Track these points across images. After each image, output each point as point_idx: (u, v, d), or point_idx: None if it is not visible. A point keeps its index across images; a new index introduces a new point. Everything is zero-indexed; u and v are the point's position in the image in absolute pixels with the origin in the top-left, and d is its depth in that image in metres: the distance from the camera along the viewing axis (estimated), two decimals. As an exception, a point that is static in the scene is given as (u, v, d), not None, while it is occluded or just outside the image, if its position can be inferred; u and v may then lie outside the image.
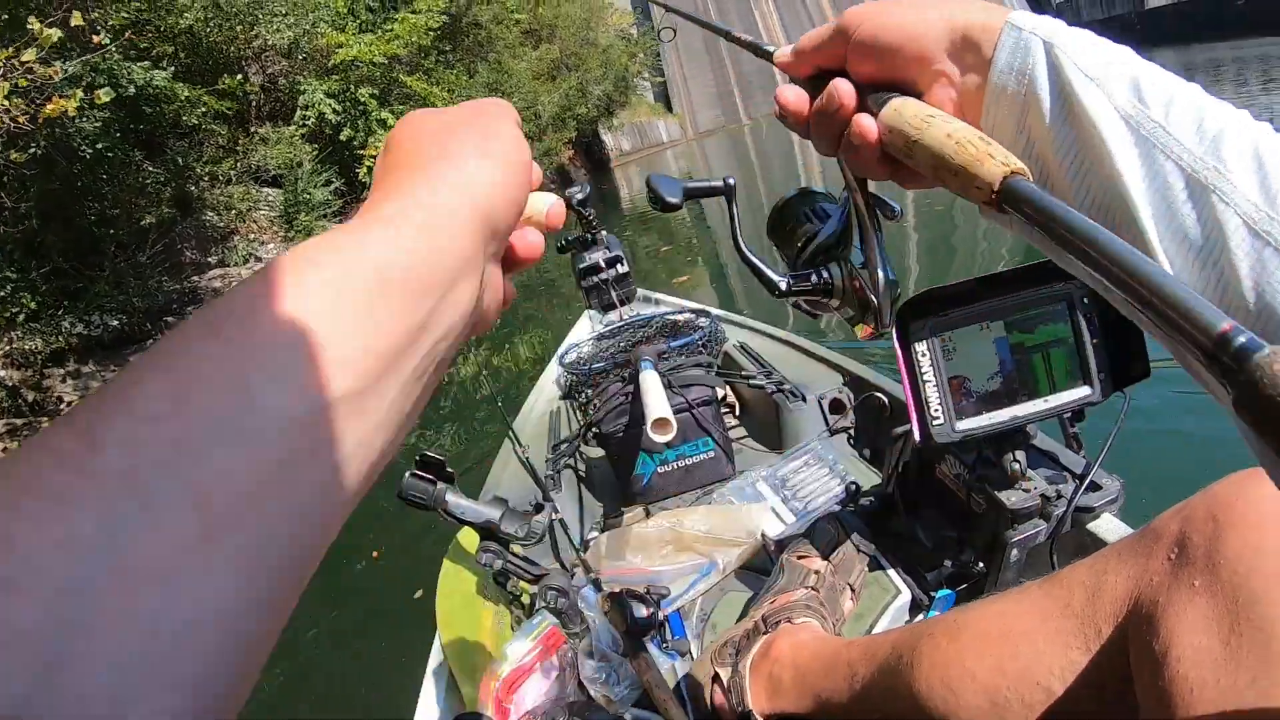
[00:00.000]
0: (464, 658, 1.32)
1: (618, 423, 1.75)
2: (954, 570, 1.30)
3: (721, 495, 1.69)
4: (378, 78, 14.22)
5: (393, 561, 3.41)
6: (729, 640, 1.21)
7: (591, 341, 2.27)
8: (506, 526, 1.38)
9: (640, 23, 42.42)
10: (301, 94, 13.33)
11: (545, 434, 2.19)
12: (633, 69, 32.84)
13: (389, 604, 3.08)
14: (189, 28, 11.27)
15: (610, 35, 33.10)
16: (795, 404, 1.90)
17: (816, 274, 0.60)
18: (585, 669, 1.24)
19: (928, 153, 0.42)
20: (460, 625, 1.39)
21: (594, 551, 1.52)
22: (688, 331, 2.10)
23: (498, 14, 20.50)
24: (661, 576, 1.46)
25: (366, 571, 3.39)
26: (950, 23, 0.44)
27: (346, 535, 2.02)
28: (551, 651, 1.29)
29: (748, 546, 1.50)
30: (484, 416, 4.82)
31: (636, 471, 1.77)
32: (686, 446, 1.78)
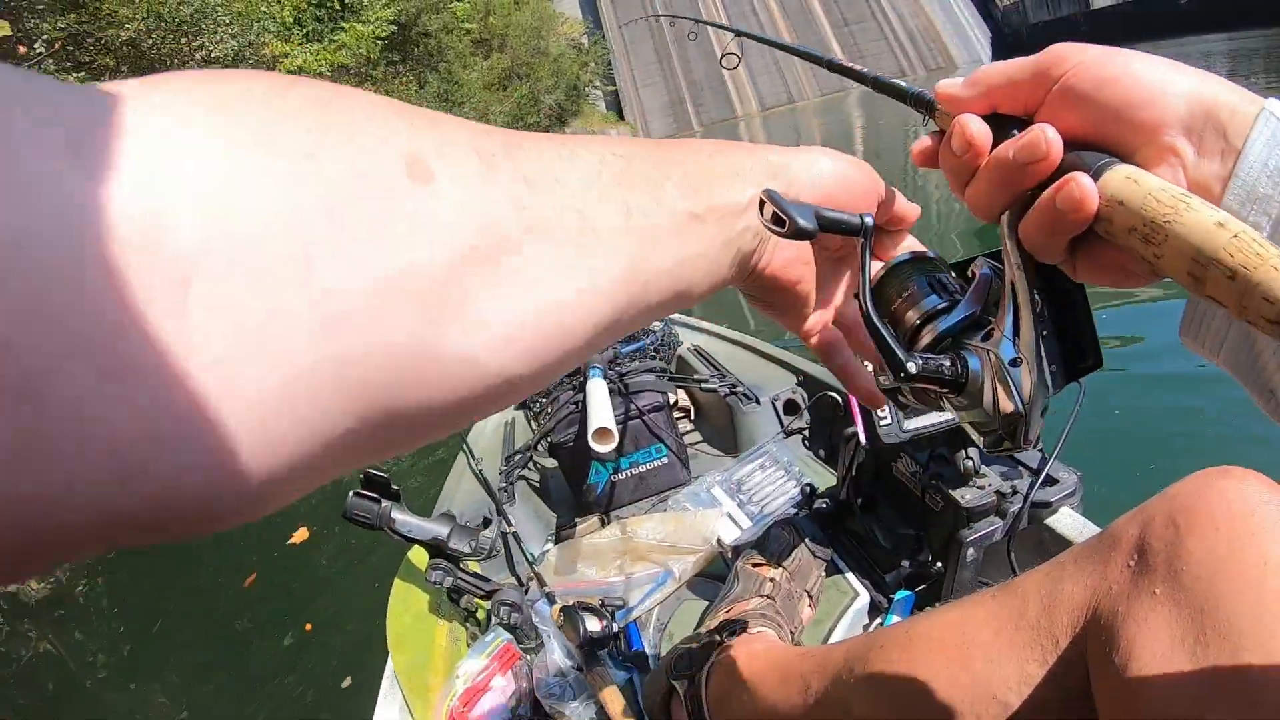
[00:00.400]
0: (417, 678, 1.30)
1: (568, 432, 1.74)
2: (912, 570, 1.29)
3: (677, 502, 1.68)
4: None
5: (341, 585, 3.30)
6: (684, 652, 1.18)
7: None
8: (455, 543, 1.36)
9: (591, 31, 42.58)
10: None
11: (500, 446, 2.15)
12: (584, 78, 32.86)
13: (339, 629, 3.00)
14: (130, 40, 10.93)
15: (561, 44, 33.12)
16: (749, 406, 1.89)
17: (955, 362, 0.48)
18: (541, 685, 1.23)
19: (1183, 244, 0.34)
20: (413, 645, 1.37)
21: (547, 564, 1.51)
22: (639, 337, 2.12)
23: (447, 23, 20.38)
24: (616, 588, 1.45)
25: (316, 596, 3.30)
26: (1196, 94, 0.37)
27: (294, 552, 2.65)
28: (506, 668, 1.27)
29: (703, 554, 1.48)
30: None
31: (590, 481, 1.75)
32: (639, 454, 1.76)
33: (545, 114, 28.13)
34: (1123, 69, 0.38)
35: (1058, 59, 0.40)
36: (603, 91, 50.14)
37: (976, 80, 0.44)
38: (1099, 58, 0.39)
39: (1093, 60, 0.39)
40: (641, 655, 1.34)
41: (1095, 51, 0.40)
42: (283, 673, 2.82)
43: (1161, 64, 0.39)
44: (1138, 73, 0.38)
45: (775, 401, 1.88)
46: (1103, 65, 0.39)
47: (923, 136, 0.47)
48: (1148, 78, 0.38)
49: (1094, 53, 0.39)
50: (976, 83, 0.44)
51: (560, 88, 28.81)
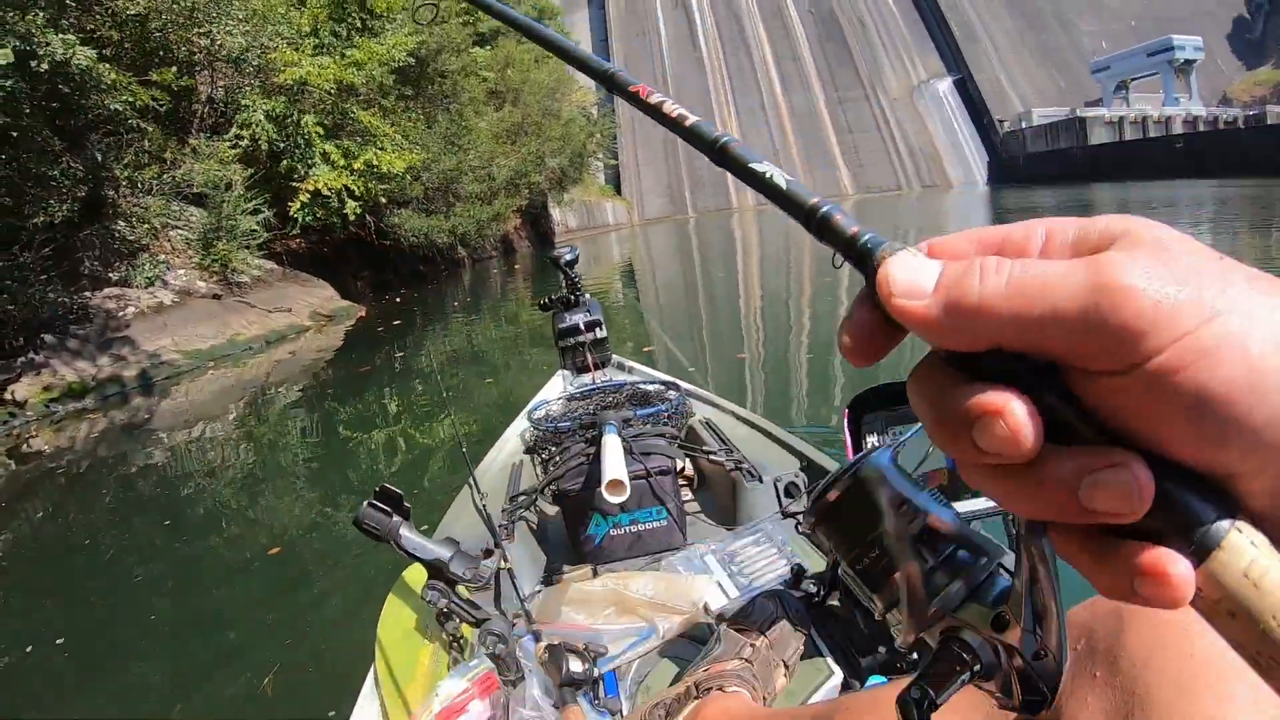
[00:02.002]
0: (397, 689, 1.35)
1: (576, 481, 1.83)
2: (887, 657, 1.34)
3: (669, 564, 1.75)
4: (329, 107, 13.57)
5: (338, 585, 3.44)
6: (660, 702, 1.25)
7: (562, 401, 2.37)
8: (455, 567, 1.41)
9: (601, 104, 43.24)
10: (241, 110, 12.60)
11: (505, 485, 2.23)
12: (589, 148, 33.07)
13: (331, 626, 3.07)
14: (141, 14, 10.72)
15: (573, 110, 33.41)
16: (752, 483, 1.98)
17: (962, 648, 0.42)
18: (516, 716, 1.27)
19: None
20: (397, 658, 1.43)
21: (538, 603, 1.57)
22: (656, 402, 2.21)
23: (466, 66, 20.26)
24: (601, 636, 1.50)
25: (317, 592, 3.42)
26: None
27: (294, 552, 3.12)
28: (485, 694, 1.30)
29: (689, 616, 1.54)
30: (446, 461, 4.93)
31: (589, 531, 1.84)
32: (640, 513, 1.84)
33: (547, 176, 28.07)
34: (1250, 367, 0.25)
35: (1135, 316, 0.25)
36: (604, 164, 50.68)
37: (961, 302, 0.28)
38: (1217, 343, 0.25)
39: (1206, 345, 0.25)
40: (616, 702, 1.39)
41: (1206, 325, 0.25)
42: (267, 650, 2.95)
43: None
44: (1256, 361, 0.25)
45: (777, 482, 1.93)
46: (1221, 359, 0.25)
47: (854, 312, 0.32)
48: (1268, 377, 0.25)
49: (1201, 324, 0.25)
50: (961, 306, 0.28)
51: (566, 152, 28.90)
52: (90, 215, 10.38)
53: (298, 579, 3.57)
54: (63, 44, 8.49)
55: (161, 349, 9.50)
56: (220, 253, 11.64)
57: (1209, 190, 23.92)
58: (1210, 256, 0.27)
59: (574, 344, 2.96)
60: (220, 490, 5.13)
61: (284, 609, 3.27)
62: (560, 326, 2.98)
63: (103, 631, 3.31)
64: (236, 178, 12.19)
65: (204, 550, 4.12)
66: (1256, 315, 0.25)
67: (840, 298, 9.70)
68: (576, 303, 3.01)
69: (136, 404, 8.28)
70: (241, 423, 6.99)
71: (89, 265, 10.32)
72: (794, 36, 70.86)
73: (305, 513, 4.52)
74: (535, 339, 9.15)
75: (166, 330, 9.90)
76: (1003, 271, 0.28)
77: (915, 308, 0.29)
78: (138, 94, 10.17)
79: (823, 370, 6.47)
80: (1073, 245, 0.29)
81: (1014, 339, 0.27)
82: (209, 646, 3.06)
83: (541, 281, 19.68)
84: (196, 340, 10.07)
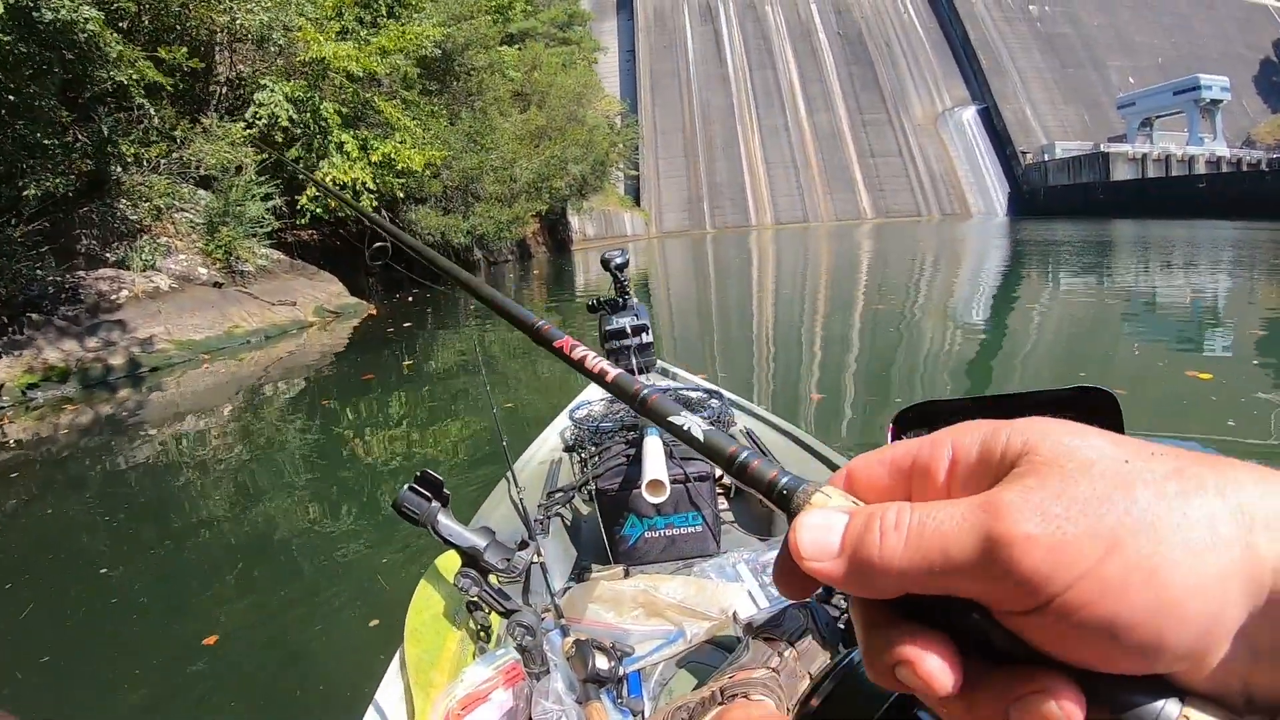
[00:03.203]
0: (423, 673, 1.35)
1: (614, 481, 1.84)
2: None
3: (701, 570, 1.75)
4: (349, 96, 12.86)
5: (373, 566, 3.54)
6: (684, 705, 1.26)
7: (604, 403, 2.47)
8: (490, 556, 1.39)
9: (626, 114, 42.81)
10: (259, 90, 11.86)
11: (542, 481, 2.25)
12: (612, 156, 32.50)
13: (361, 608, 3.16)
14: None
15: (597, 117, 32.87)
16: None
17: None
18: (538, 708, 1.27)
19: None
20: (426, 642, 1.42)
21: (568, 599, 1.57)
22: (698, 409, 2.24)
23: (494, 63, 19.51)
24: (628, 635, 1.51)
25: (346, 570, 3.52)
26: (1252, 565, 0.25)
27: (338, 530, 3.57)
28: (509, 685, 1.30)
29: (717, 622, 1.54)
30: (486, 454, 4.99)
31: (624, 532, 1.84)
32: (676, 517, 1.85)
33: (569, 182, 27.43)
34: (1158, 594, 0.25)
35: (1032, 566, 0.26)
36: (624, 174, 50.23)
37: (890, 554, 0.29)
38: (1121, 574, 0.25)
39: (1109, 579, 0.25)
40: (639, 703, 1.40)
41: (1106, 558, 0.25)
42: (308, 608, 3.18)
43: (1191, 521, 0.26)
44: (1169, 580, 0.25)
45: None
46: (1126, 588, 0.25)
47: (781, 552, 0.33)
48: (1185, 580, 0.25)
49: (1101, 558, 0.25)
50: (889, 559, 0.29)
51: (588, 160, 28.29)
52: (92, 192, 9.69)
53: (326, 566, 3.62)
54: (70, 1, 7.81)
55: (154, 336, 8.88)
56: (225, 239, 10.98)
57: (1230, 232, 23.73)
58: (1114, 465, 0.27)
59: (620, 347, 2.94)
60: (236, 484, 5.05)
61: (313, 591, 3.36)
62: (607, 329, 2.99)
63: (100, 628, 3.22)
64: (249, 161, 11.46)
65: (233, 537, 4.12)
66: (1164, 529, 0.25)
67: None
68: (624, 306, 3.01)
69: (123, 395, 7.85)
70: (239, 419, 6.77)
71: (86, 244, 9.70)
72: (821, 57, 70.88)
73: (340, 498, 4.59)
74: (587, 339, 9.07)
75: (160, 317, 9.35)
76: (901, 526, 0.29)
77: (825, 570, 0.30)
78: (144, 70, 9.48)
79: (864, 388, 6.60)
80: (976, 467, 0.30)
81: (926, 589, 0.28)
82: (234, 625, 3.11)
83: (558, 288, 19.81)
84: (190, 330, 9.56)
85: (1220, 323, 8.61)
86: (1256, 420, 4.68)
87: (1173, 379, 5.88)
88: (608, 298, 3.05)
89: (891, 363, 7.48)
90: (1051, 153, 57.42)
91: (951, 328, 9.10)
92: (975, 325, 9.46)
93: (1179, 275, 13.51)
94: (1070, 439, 0.28)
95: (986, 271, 16.97)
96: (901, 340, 8.55)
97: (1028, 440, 0.28)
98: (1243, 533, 0.25)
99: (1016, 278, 15.14)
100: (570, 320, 11.82)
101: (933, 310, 10.93)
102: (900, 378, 6.83)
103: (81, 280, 9.01)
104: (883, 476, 0.32)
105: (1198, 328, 8.35)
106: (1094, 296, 11.21)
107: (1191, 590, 0.25)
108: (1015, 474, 0.28)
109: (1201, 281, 12.28)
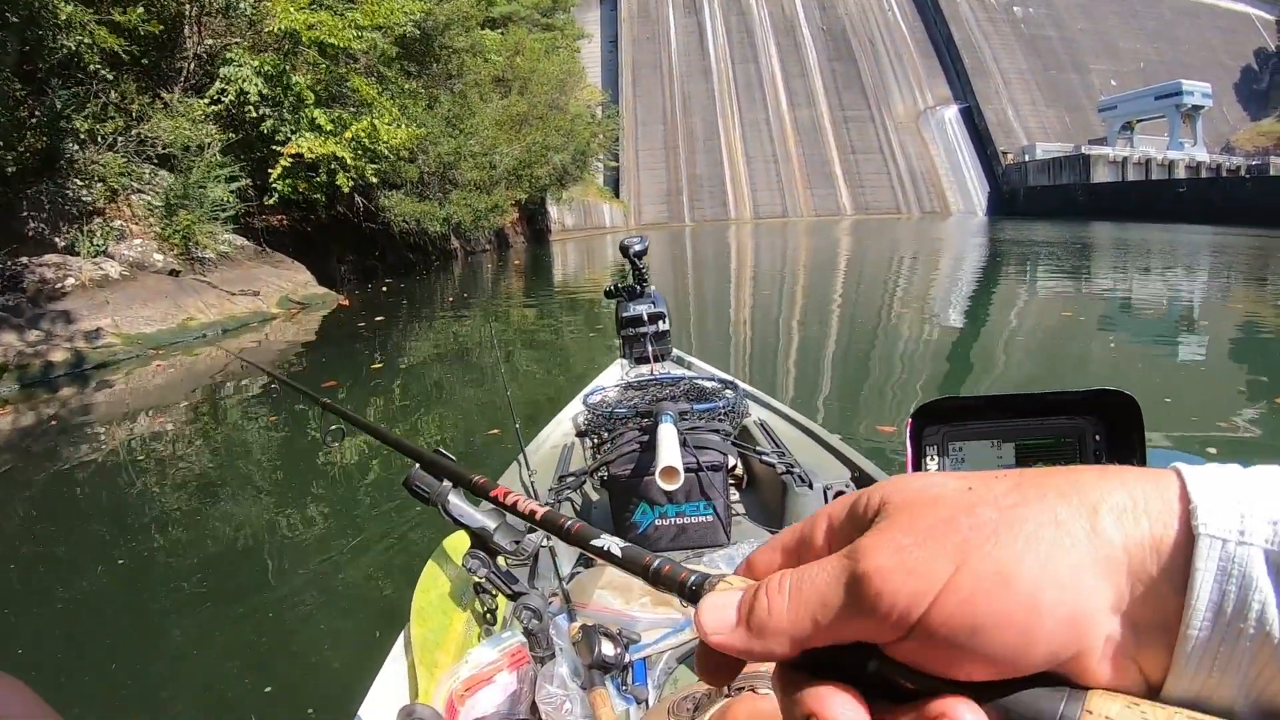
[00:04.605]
0: (428, 652, 1.36)
1: (626, 467, 1.85)
2: None
3: (712, 560, 1.75)
4: (323, 73, 12.11)
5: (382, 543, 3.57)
6: (690, 695, 1.26)
7: (618, 389, 2.39)
8: (500, 538, 1.36)
9: (607, 104, 42.24)
10: (226, 64, 11.09)
11: (554, 466, 2.24)
12: (593, 146, 31.89)
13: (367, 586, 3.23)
14: None
15: (579, 105, 32.22)
16: (801, 488, 1.99)
17: None
18: (542, 692, 1.28)
19: None
20: (431, 622, 1.43)
21: (576, 584, 1.57)
22: (713, 398, 2.22)
23: (475, 44, 18.73)
24: (635, 623, 1.50)
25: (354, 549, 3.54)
26: (1101, 547, 0.28)
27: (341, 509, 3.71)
28: (514, 668, 1.31)
29: None
30: (498, 436, 5.04)
31: (634, 519, 1.85)
32: (688, 506, 1.86)
33: (549, 170, 26.81)
34: (1011, 595, 0.27)
35: (891, 592, 0.28)
36: (604, 165, 49.69)
37: (778, 615, 0.31)
38: (972, 584, 0.28)
39: (962, 591, 0.28)
40: (644, 690, 1.40)
41: (957, 574, 0.28)
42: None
43: (1036, 536, 0.28)
44: (1017, 591, 0.27)
45: (827, 490, 1.96)
46: (980, 596, 0.27)
47: (699, 644, 0.35)
48: (1034, 579, 0.27)
49: (952, 574, 0.28)
50: (778, 620, 0.31)
51: (569, 149, 27.65)
52: (42, 170, 8.98)
53: (333, 545, 3.66)
54: None
55: (101, 329, 8.22)
56: (183, 223, 10.25)
57: (1209, 237, 24.20)
58: (958, 495, 0.30)
59: (636, 334, 2.92)
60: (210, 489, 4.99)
61: (319, 570, 3.37)
62: (623, 315, 2.96)
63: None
64: (213, 139, 10.73)
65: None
66: (1007, 536, 0.28)
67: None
68: (642, 293, 2.98)
69: (67, 394, 7.25)
70: (196, 416, 6.47)
71: (34, 226, 8.98)
72: (804, 52, 70.67)
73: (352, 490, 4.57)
74: (531, 340, 9.26)
75: (108, 308, 8.68)
76: (784, 588, 0.31)
77: (727, 641, 0.32)
78: (97, 35, 8.73)
79: (878, 382, 6.68)
80: (846, 527, 0.32)
81: (816, 640, 0.31)
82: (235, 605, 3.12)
83: (538, 279, 19.59)
84: (141, 322, 8.89)
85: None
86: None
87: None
88: (625, 284, 3.03)
89: (900, 357, 7.62)
90: (1032, 153, 57.85)
91: (933, 325, 9.27)
92: (953, 323, 9.66)
93: (1158, 279, 13.81)
94: (920, 483, 0.31)
95: (968, 269, 17.16)
96: (902, 340, 8.62)
97: (885, 494, 0.31)
98: (1086, 521, 0.27)
99: (1017, 277, 15.26)
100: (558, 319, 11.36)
101: (911, 306, 11.11)
102: (907, 372, 6.97)
103: (24, 266, 8.30)
104: (776, 558, 0.35)
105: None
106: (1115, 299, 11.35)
107: (1044, 583, 0.27)
108: (874, 523, 0.31)
109: (1178, 289, 12.65)
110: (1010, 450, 0.86)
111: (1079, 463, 0.76)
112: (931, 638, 0.28)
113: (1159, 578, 0.27)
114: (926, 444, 0.85)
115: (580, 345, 9.23)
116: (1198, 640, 0.27)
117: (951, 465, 0.84)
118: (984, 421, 0.83)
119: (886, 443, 4.54)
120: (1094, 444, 0.80)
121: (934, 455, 0.85)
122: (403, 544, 3.46)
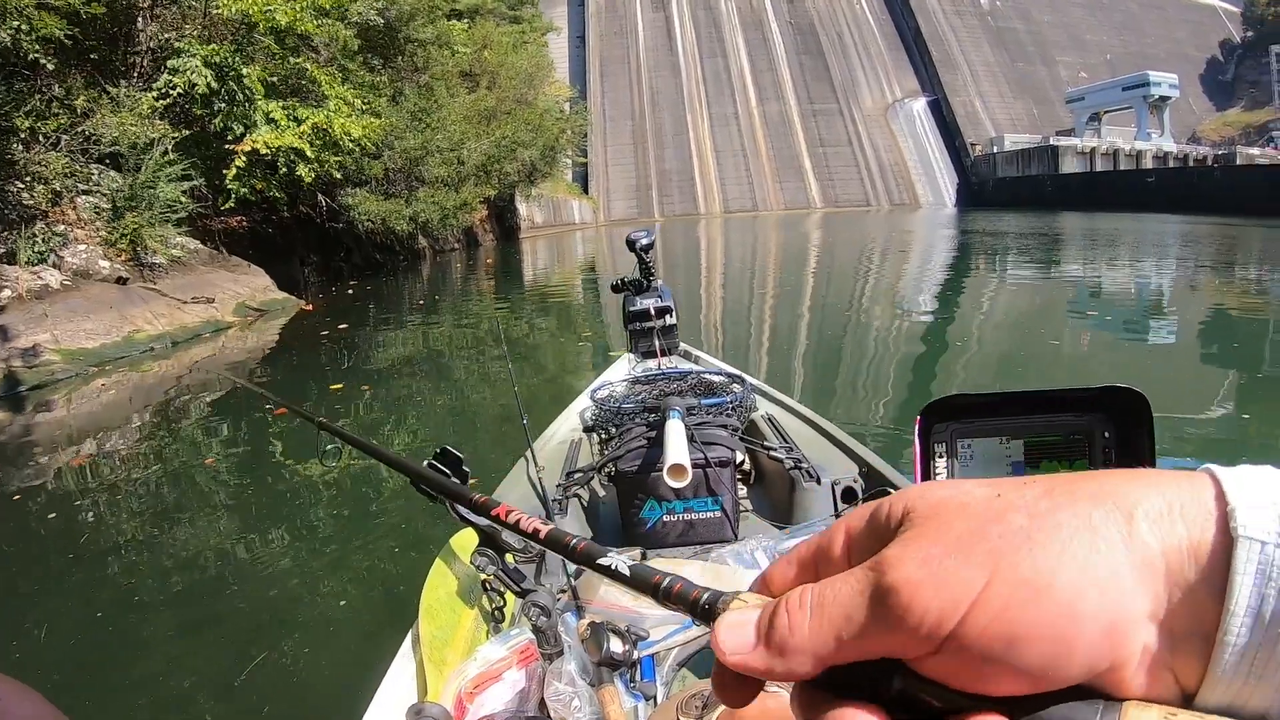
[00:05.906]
0: (436, 650, 1.36)
1: (634, 463, 1.84)
2: None
3: (719, 556, 1.73)
4: (279, 63, 11.50)
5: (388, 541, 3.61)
6: (698, 693, 1.26)
7: (626, 384, 2.40)
8: (507, 535, 1.36)
9: (575, 100, 41.97)
10: (175, 56, 10.47)
11: (561, 461, 2.24)
12: (562, 142, 31.47)
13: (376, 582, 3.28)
14: None
15: (548, 100, 31.75)
16: (809, 484, 2.00)
17: None
18: (551, 689, 1.27)
19: None
20: (440, 620, 1.43)
21: (584, 580, 1.57)
22: (721, 393, 2.24)
23: (441, 35, 18.15)
24: (644, 620, 1.50)
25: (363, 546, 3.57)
26: (1139, 552, 0.27)
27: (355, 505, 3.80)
28: (523, 665, 1.31)
29: None
30: (505, 432, 5.00)
31: (642, 515, 1.85)
32: (695, 501, 1.86)
33: (518, 167, 26.32)
34: (1047, 606, 0.26)
35: (921, 608, 0.27)
36: (572, 161, 49.40)
37: (799, 632, 0.30)
38: (1005, 596, 0.27)
39: (994, 603, 0.27)
40: (653, 687, 1.41)
41: (989, 586, 0.27)
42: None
43: (1067, 549, 0.27)
44: (1048, 604, 0.26)
45: (835, 485, 1.90)
46: (1015, 607, 0.27)
47: (716, 665, 0.34)
48: (1066, 598, 0.26)
49: (984, 586, 0.27)
50: (800, 638, 0.30)
51: (538, 144, 27.21)
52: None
53: (340, 543, 3.69)
54: None
55: (38, 345, 7.49)
56: (129, 226, 9.62)
57: (1176, 226, 24.66)
58: (986, 502, 0.29)
59: (643, 329, 2.93)
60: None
61: (326, 568, 3.41)
62: (630, 310, 2.96)
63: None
64: (162, 135, 10.14)
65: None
66: (1040, 543, 0.27)
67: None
68: (649, 288, 2.98)
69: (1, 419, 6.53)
70: (163, 427, 6.11)
71: (-30, 235, 8.28)
72: (772, 47, 71.31)
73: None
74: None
75: (46, 322, 7.90)
76: (805, 604, 0.30)
77: (746, 661, 0.31)
78: (37, 23, 8.15)
79: (885, 375, 6.72)
80: (867, 538, 0.31)
81: (840, 657, 0.30)
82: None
83: (508, 279, 19.31)
84: (83, 336, 8.13)
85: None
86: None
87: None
88: (632, 278, 3.02)
89: (899, 353, 7.71)
90: (1000, 145, 58.90)
91: (931, 322, 9.33)
92: (924, 312, 9.86)
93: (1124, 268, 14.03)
94: (945, 491, 0.30)
95: (936, 263, 17.31)
96: (900, 338, 8.58)
97: (909, 502, 0.30)
98: (1122, 526, 0.27)
99: (1019, 277, 15.34)
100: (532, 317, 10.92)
101: (882, 299, 11.27)
102: (904, 367, 7.03)
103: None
104: (792, 572, 0.34)
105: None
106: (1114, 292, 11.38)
107: (1080, 591, 0.26)
108: (899, 534, 0.29)
109: (1145, 277, 12.89)
110: (1019, 447, 0.83)
111: (1088, 459, 0.74)
112: (964, 651, 0.27)
113: (1197, 583, 0.26)
114: (935, 441, 0.83)
115: (581, 344, 9.12)
116: (1235, 646, 0.26)
117: (960, 462, 0.81)
118: (993, 418, 0.81)
119: (895, 438, 4.57)
120: (1103, 441, 0.78)
121: (942, 452, 0.83)
122: (410, 542, 3.50)
